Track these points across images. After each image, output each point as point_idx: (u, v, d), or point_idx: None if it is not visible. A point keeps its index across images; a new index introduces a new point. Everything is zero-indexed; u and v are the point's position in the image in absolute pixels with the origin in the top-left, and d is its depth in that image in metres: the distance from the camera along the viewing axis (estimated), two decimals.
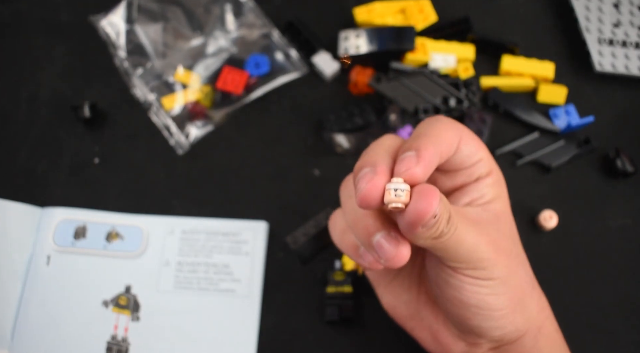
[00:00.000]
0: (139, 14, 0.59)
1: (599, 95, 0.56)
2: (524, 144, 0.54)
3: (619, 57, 0.55)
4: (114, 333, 0.48)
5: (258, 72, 0.57)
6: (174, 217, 0.52)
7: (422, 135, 0.33)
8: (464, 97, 0.53)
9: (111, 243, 0.51)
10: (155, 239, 0.51)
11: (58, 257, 0.50)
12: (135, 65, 0.58)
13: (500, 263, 0.34)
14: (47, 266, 0.50)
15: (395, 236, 0.32)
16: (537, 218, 0.51)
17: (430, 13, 0.57)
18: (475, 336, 0.38)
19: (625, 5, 0.57)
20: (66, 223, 0.51)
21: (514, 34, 0.58)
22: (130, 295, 0.50)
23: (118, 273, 0.50)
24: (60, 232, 0.51)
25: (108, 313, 0.49)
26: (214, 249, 0.51)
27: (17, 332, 0.48)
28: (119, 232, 0.51)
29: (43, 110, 0.57)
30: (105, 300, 0.49)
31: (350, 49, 0.56)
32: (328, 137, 0.54)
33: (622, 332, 0.48)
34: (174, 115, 0.56)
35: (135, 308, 0.49)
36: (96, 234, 0.51)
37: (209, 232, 0.52)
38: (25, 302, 0.49)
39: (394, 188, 0.30)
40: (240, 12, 0.60)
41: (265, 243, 0.51)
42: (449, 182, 0.38)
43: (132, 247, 0.51)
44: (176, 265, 0.51)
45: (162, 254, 0.51)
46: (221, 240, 0.51)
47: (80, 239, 0.51)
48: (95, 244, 0.51)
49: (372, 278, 0.45)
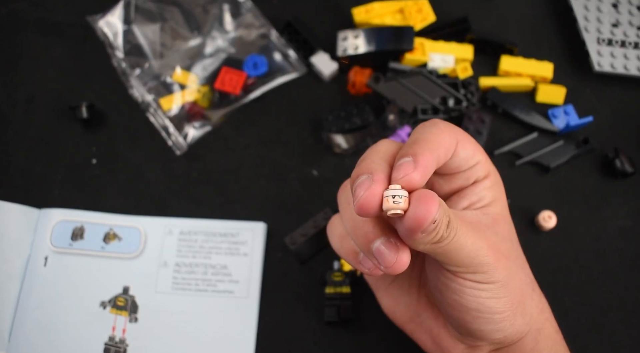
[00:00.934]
0: (137, 14, 0.59)
1: (597, 95, 0.56)
2: (522, 144, 0.54)
3: (618, 57, 0.55)
4: (112, 335, 0.48)
5: (256, 73, 0.56)
6: (172, 218, 0.52)
7: (418, 140, 0.33)
8: (462, 97, 0.53)
9: (109, 244, 0.51)
10: (153, 240, 0.51)
11: (55, 258, 0.50)
12: (133, 66, 0.57)
13: (500, 267, 0.34)
14: (45, 267, 0.50)
15: (395, 242, 0.31)
16: (536, 218, 0.51)
17: (428, 13, 0.57)
18: (475, 339, 0.38)
19: (624, 5, 0.57)
20: (64, 224, 0.51)
21: (512, 34, 0.58)
22: (128, 296, 0.49)
23: (116, 274, 0.50)
24: (58, 233, 0.51)
25: (106, 314, 0.49)
26: (212, 250, 0.51)
27: (14, 333, 0.48)
28: (117, 233, 0.51)
29: (40, 111, 0.57)
30: (103, 301, 0.49)
31: (349, 49, 0.55)
32: (326, 137, 0.54)
33: (621, 332, 0.48)
34: (171, 116, 0.56)
35: (133, 310, 0.49)
36: (94, 235, 0.51)
37: (207, 233, 0.51)
38: (22, 303, 0.49)
39: (392, 195, 0.30)
40: (239, 12, 0.60)
41: (264, 244, 0.51)
42: (446, 185, 0.38)
43: (130, 248, 0.51)
44: (174, 266, 0.50)
45: (160, 255, 0.51)
46: (219, 241, 0.51)
47: (78, 240, 0.51)
48: (92, 245, 0.51)
49: (371, 281, 0.45)
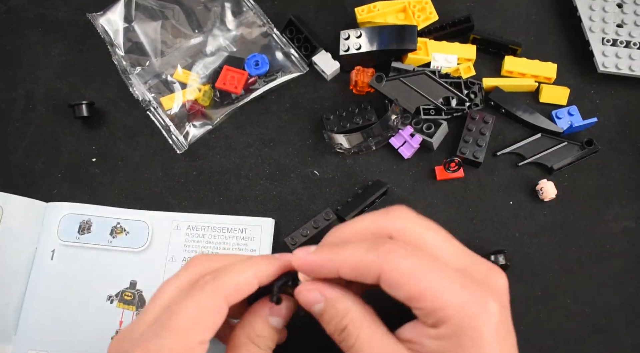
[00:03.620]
0: (138, 12, 0.58)
1: (602, 96, 0.56)
2: (525, 145, 0.53)
3: (623, 57, 0.55)
4: (119, 329, 0.48)
5: (257, 72, 0.56)
6: (180, 213, 0.52)
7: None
8: (465, 97, 0.53)
9: (116, 238, 0.51)
10: (161, 234, 0.51)
11: (62, 251, 0.50)
12: (133, 64, 0.57)
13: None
14: (52, 260, 0.50)
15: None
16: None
17: (431, 12, 0.57)
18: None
19: (630, 5, 0.57)
20: (71, 217, 0.51)
21: (515, 33, 0.58)
22: (135, 291, 0.49)
23: (123, 268, 0.50)
24: (65, 226, 0.51)
25: (113, 308, 0.48)
26: (219, 245, 0.51)
27: (21, 326, 0.47)
28: (124, 226, 0.51)
29: (40, 108, 0.57)
30: (110, 295, 0.49)
31: (351, 48, 0.55)
32: (328, 136, 0.54)
33: (623, 333, 0.48)
34: (172, 115, 0.55)
35: (140, 304, 0.49)
36: (101, 229, 0.51)
37: (214, 228, 0.51)
38: (29, 296, 0.48)
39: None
40: (240, 10, 0.59)
41: (271, 240, 0.51)
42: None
43: (137, 242, 0.50)
44: (182, 261, 0.50)
45: (167, 250, 0.51)
46: (227, 237, 0.51)
47: (85, 234, 0.51)
48: (100, 239, 0.50)
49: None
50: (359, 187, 0.53)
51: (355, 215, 0.50)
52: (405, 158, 0.53)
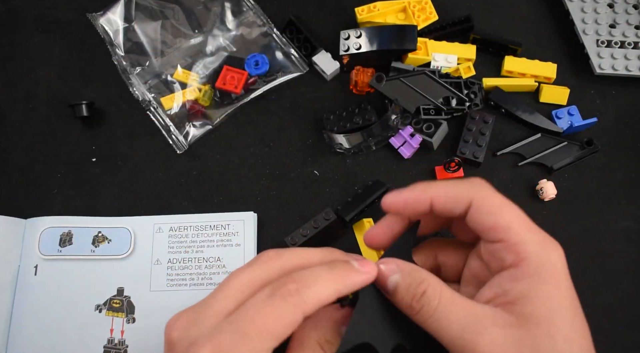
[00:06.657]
0: (138, 12, 0.58)
1: (601, 96, 0.56)
2: (525, 145, 0.53)
3: (619, 58, 0.55)
4: (111, 337, 0.48)
5: (257, 71, 0.56)
6: (160, 215, 0.52)
7: None
8: (465, 97, 0.53)
9: (98, 247, 0.50)
10: (143, 239, 0.51)
11: (45, 266, 0.50)
12: (133, 64, 0.57)
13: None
14: (35, 276, 0.49)
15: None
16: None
17: (431, 12, 0.57)
18: None
19: (621, 4, 0.57)
20: (51, 231, 0.51)
21: (515, 34, 0.58)
22: (123, 298, 0.49)
23: (109, 276, 0.49)
24: (46, 240, 0.50)
25: (102, 317, 0.48)
26: (204, 244, 0.51)
27: (11, 345, 0.47)
28: (106, 235, 0.51)
29: (40, 108, 0.57)
30: (98, 305, 0.49)
31: (351, 48, 0.55)
32: (328, 136, 0.54)
33: (623, 333, 0.48)
34: (172, 115, 0.55)
35: (129, 310, 0.49)
36: (82, 239, 0.50)
37: (197, 227, 0.51)
38: (16, 314, 0.48)
39: None
40: (240, 10, 0.59)
41: (255, 233, 0.51)
42: (479, 265, 0.35)
43: (121, 248, 0.50)
44: (167, 263, 0.50)
45: (151, 253, 0.50)
46: (211, 234, 0.51)
47: (67, 246, 0.50)
48: (82, 250, 0.50)
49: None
50: (359, 187, 0.53)
51: (355, 215, 0.50)
52: (405, 158, 0.53)
